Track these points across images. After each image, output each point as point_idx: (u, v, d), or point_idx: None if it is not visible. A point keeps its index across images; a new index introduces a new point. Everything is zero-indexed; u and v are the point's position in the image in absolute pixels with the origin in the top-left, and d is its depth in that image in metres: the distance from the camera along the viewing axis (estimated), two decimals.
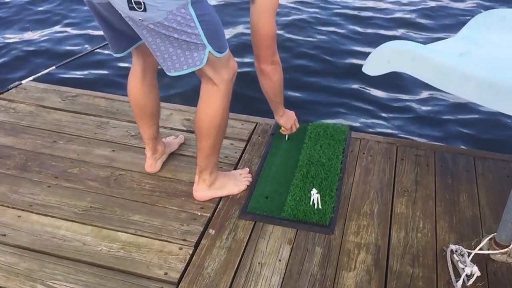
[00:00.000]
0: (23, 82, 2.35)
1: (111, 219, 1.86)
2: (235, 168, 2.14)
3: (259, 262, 1.70)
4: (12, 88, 2.40)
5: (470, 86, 1.40)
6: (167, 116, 2.46)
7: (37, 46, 4.10)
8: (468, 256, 1.66)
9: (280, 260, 1.71)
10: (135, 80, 1.89)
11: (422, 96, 3.41)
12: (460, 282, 1.60)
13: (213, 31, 1.56)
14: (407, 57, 1.53)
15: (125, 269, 1.67)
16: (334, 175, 2.05)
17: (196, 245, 1.77)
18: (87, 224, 1.84)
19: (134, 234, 1.80)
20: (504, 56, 1.61)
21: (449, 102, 3.36)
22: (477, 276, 1.60)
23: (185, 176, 2.08)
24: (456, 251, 1.68)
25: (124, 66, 3.70)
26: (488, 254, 1.71)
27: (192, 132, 2.29)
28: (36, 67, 3.57)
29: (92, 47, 2.43)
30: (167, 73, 1.62)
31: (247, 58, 3.48)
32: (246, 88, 2.61)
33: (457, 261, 1.66)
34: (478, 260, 1.68)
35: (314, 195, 1.89)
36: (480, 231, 1.83)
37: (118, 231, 1.82)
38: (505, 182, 2.06)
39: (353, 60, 3.87)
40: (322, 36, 4.25)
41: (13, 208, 1.92)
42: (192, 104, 2.21)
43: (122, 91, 2.35)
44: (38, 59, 3.85)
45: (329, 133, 2.30)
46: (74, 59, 2.45)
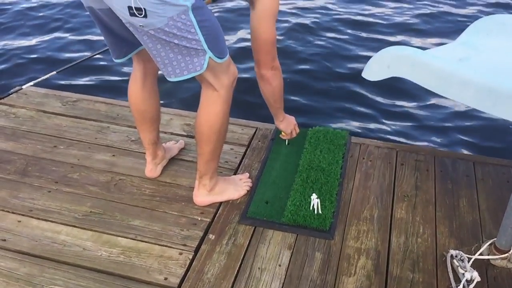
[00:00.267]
0: (24, 87, 2.35)
1: (111, 224, 1.86)
2: (235, 173, 2.14)
3: (259, 267, 1.70)
4: (12, 93, 2.41)
5: (470, 92, 1.40)
6: (167, 121, 2.46)
7: (37, 52, 4.11)
8: (468, 262, 1.66)
9: (280, 265, 1.71)
10: (136, 85, 1.89)
11: (422, 101, 3.42)
12: None
13: (213, 37, 1.56)
14: (406, 63, 1.53)
15: (125, 274, 1.67)
16: (334, 180, 2.05)
17: (196, 250, 1.77)
18: (87, 229, 1.85)
19: (134, 239, 1.80)
20: (503, 62, 1.61)
21: (449, 107, 3.37)
22: (477, 282, 1.60)
23: (185, 181, 2.08)
24: (456, 256, 1.68)
25: (124, 72, 3.71)
26: (488, 260, 1.71)
27: (192, 137, 2.29)
28: (36, 73, 3.58)
29: (92, 52, 2.43)
30: (168, 79, 1.63)
31: (247, 64, 3.49)
32: (246, 94, 2.62)
33: (457, 266, 1.65)
34: (478, 265, 1.68)
35: (314, 200, 1.89)
36: (480, 236, 1.83)
37: (118, 236, 1.82)
38: (505, 187, 2.06)
39: (353, 65, 3.87)
40: (322, 42, 4.26)
41: (13, 213, 1.92)
42: (192, 109, 2.21)
43: (123, 96, 2.35)
44: (39, 65, 3.86)
45: (329, 138, 2.31)
46: (75, 64, 2.45)
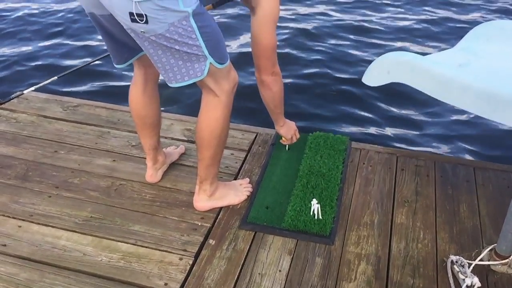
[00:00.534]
0: (25, 92, 2.36)
1: (111, 229, 1.86)
2: (235, 178, 2.14)
3: (259, 273, 1.70)
4: (13, 98, 2.41)
5: (469, 97, 1.41)
6: (167, 126, 2.47)
7: (38, 58, 4.12)
8: (469, 267, 1.66)
9: (280, 270, 1.71)
10: (136, 90, 1.90)
11: (422, 106, 3.42)
12: None
13: (214, 43, 1.57)
14: (406, 68, 1.54)
15: (125, 280, 1.67)
16: (334, 185, 2.05)
17: (196, 256, 1.76)
18: (88, 234, 1.85)
19: (135, 244, 1.80)
20: (503, 67, 1.62)
21: (449, 112, 3.37)
22: (478, 287, 1.60)
23: (185, 186, 2.08)
24: (456, 262, 1.68)
25: (125, 77, 3.72)
26: (489, 265, 1.71)
27: (192, 142, 2.30)
28: (37, 79, 3.58)
29: (93, 58, 2.44)
30: (169, 84, 1.63)
31: (248, 70, 3.50)
32: (247, 99, 2.62)
33: (458, 272, 1.65)
34: (478, 271, 1.67)
35: (315, 205, 1.89)
36: (481, 241, 1.83)
37: (118, 241, 1.82)
38: (505, 193, 2.06)
39: (353, 70, 3.88)
40: (322, 47, 4.28)
41: (14, 218, 1.92)
42: (193, 114, 2.22)
43: (124, 101, 2.36)
44: (40, 71, 3.86)
45: (329, 143, 2.31)
46: (76, 70, 2.46)
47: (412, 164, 2.23)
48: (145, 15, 1.42)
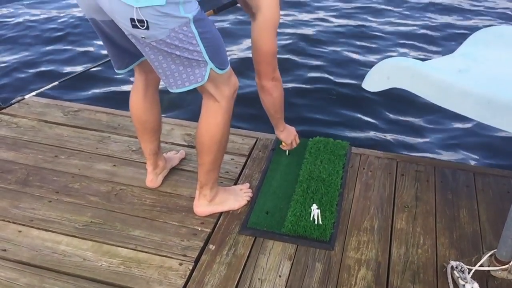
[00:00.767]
0: (26, 97, 2.37)
1: (111, 234, 1.86)
2: (235, 183, 2.14)
3: (259, 278, 1.70)
4: (14, 103, 2.42)
5: (469, 103, 1.41)
6: (168, 131, 2.47)
7: (39, 64, 4.12)
8: (469, 273, 1.66)
9: (280, 276, 1.71)
10: (137, 96, 1.90)
11: (422, 111, 3.43)
12: None
13: (214, 48, 1.58)
14: (406, 74, 1.54)
15: (125, 285, 1.67)
16: (335, 191, 2.05)
17: (196, 261, 1.76)
18: (88, 239, 1.84)
19: (135, 250, 1.80)
20: (502, 73, 1.62)
21: (449, 117, 3.37)
22: None
23: (185, 191, 2.08)
24: (456, 267, 1.68)
25: (126, 82, 3.73)
26: (489, 271, 1.70)
27: (193, 147, 2.30)
28: (38, 85, 3.59)
29: (94, 63, 2.45)
30: (169, 90, 1.64)
31: (248, 75, 3.51)
32: (247, 105, 2.63)
33: (458, 277, 1.65)
34: (478, 276, 1.67)
35: (315, 210, 1.89)
36: (481, 247, 1.83)
37: (118, 246, 1.81)
38: (505, 198, 2.06)
39: (352, 76, 3.89)
40: (323, 53, 4.29)
41: (14, 223, 1.92)
42: (193, 119, 2.22)
43: (124, 106, 2.36)
44: (41, 77, 3.86)
45: (329, 148, 2.31)
46: (77, 75, 2.47)
47: (412, 169, 2.24)
48: (146, 21, 1.42)
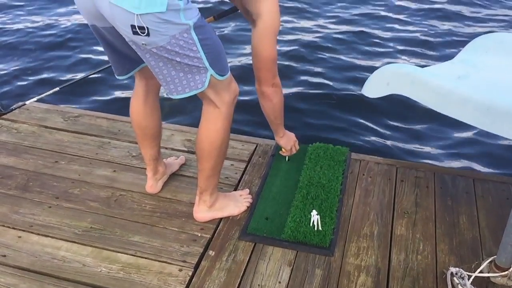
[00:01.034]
0: (27, 102, 2.37)
1: (111, 240, 1.86)
2: (235, 189, 2.14)
3: (259, 284, 1.69)
4: (15, 108, 2.42)
5: (468, 109, 1.42)
6: (168, 136, 2.47)
7: (40, 71, 4.12)
8: (468, 279, 1.65)
9: (280, 282, 1.71)
10: (138, 102, 1.91)
11: (422, 117, 3.43)
12: None
13: (214, 55, 1.58)
14: (406, 80, 1.55)
15: None
16: (334, 197, 2.06)
17: (196, 267, 1.76)
18: (87, 245, 1.84)
19: (134, 255, 1.80)
20: (502, 80, 1.63)
21: (448, 123, 3.38)
22: None
23: (185, 197, 2.08)
24: (456, 273, 1.68)
25: (126, 88, 3.73)
26: (489, 277, 1.70)
27: (193, 152, 2.30)
28: (39, 92, 3.60)
29: (95, 69, 2.46)
30: (170, 96, 1.64)
31: (248, 81, 3.52)
32: (247, 111, 2.64)
33: (457, 284, 1.65)
34: (478, 283, 1.67)
35: (314, 216, 1.90)
36: (480, 253, 1.83)
37: (118, 252, 1.81)
38: (504, 205, 2.06)
39: (352, 82, 3.90)
40: (322, 59, 4.30)
41: (14, 228, 1.92)
42: (194, 125, 2.22)
43: (124, 112, 2.37)
44: (42, 84, 3.85)
45: (329, 154, 2.32)
46: (78, 81, 2.47)
47: (412, 175, 2.24)
48: (147, 27, 1.43)
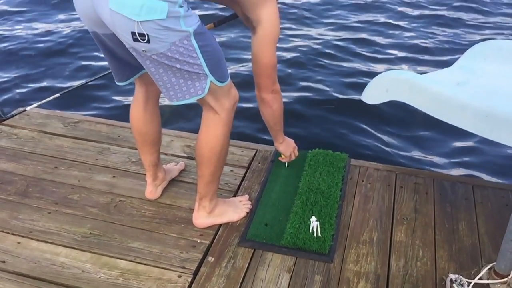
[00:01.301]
0: (28, 108, 2.37)
1: (110, 246, 1.86)
2: (235, 195, 2.14)
3: None
4: (16, 114, 2.42)
5: (467, 116, 1.42)
6: (168, 142, 2.48)
7: (41, 78, 4.12)
8: (468, 286, 1.65)
9: None
10: (138, 108, 1.91)
11: (421, 124, 3.44)
12: None
13: (214, 61, 1.59)
14: (405, 87, 1.55)
15: None
16: (334, 203, 2.06)
17: (195, 273, 1.76)
18: (87, 251, 1.84)
19: (133, 262, 1.80)
20: (501, 87, 1.64)
21: (448, 130, 3.38)
22: None
23: (185, 203, 2.08)
24: (455, 280, 1.68)
25: (126, 94, 3.74)
26: (488, 284, 1.70)
27: (192, 158, 2.31)
28: (39, 98, 3.60)
29: (95, 76, 2.46)
30: (170, 102, 1.65)
31: (248, 88, 3.53)
32: (247, 117, 2.64)
33: None
34: None
35: (314, 222, 1.89)
36: (480, 260, 1.83)
37: (117, 258, 1.81)
38: (504, 211, 2.06)
39: (351, 88, 3.91)
40: (322, 66, 4.31)
41: (13, 234, 1.92)
42: (193, 131, 2.23)
43: (124, 118, 2.37)
44: (42, 91, 3.84)
45: (328, 160, 2.32)
46: (78, 87, 2.47)
47: (411, 181, 2.24)
48: (147, 34, 1.44)
